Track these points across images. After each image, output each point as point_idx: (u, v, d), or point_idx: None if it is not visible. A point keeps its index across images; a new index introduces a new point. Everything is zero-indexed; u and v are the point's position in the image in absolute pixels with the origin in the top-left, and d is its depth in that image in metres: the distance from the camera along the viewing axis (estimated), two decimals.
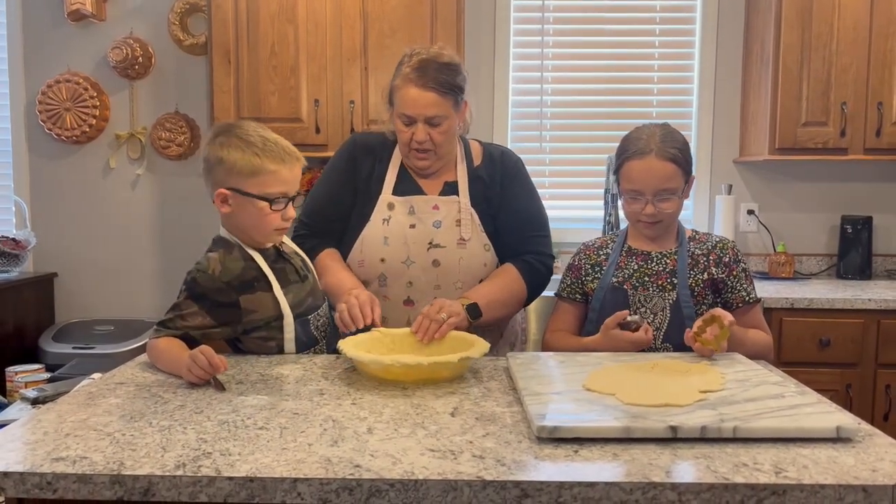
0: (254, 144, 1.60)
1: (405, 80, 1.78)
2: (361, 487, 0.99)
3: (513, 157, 1.96)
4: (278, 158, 1.61)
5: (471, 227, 1.85)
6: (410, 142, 1.81)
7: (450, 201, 1.86)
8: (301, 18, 2.90)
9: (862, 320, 2.63)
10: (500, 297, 1.83)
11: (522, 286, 1.87)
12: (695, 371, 1.44)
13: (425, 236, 1.84)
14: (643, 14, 3.30)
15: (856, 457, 1.07)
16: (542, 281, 1.93)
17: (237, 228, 1.66)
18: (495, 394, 1.39)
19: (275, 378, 1.49)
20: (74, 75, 3.26)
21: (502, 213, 1.90)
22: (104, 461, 1.05)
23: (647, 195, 1.74)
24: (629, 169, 1.76)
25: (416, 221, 1.85)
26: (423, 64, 1.77)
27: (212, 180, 1.64)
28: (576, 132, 3.35)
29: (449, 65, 1.79)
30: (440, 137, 1.80)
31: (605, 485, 0.98)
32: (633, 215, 1.79)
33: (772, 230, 3.28)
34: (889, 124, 2.90)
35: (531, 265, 1.88)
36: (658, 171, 1.72)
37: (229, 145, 1.61)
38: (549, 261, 1.93)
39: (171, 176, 3.35)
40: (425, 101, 1.77)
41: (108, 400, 1.34)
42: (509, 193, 1.91)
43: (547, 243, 1.94)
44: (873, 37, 2.87)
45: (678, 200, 1.77)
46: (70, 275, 3.39)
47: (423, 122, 1.79)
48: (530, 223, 1.92)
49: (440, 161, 1.87)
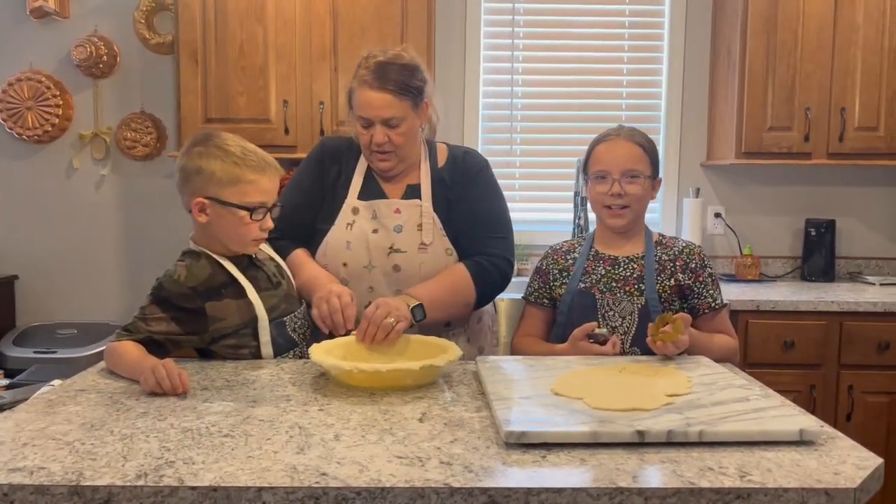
0: (233, 154, 1.59)
1: (361, 83, 1.78)
2: (328, 496, 0.98)
3: (477, 158, 1.95)
4: (258, 168, 1.60)
5: (432, 231, 1.84)
6: (370, 144, 1.81)
7: (412, 205, 1.85)
8: (270, 18, 2.87)
9: (825, 322, 2.68)
10: (445, 297, 1.77)
11: (470, 287, 1.81)
12: (662, 374, 1.45)
13: (386, 241, 1.83)
14: (612, 18, 3.33)
15: (818, 460, 1.08)
16: (494, 283, 1.85)
17: (212, 238, 1.64)
18: (464, 399, 1.38)
19: (241, 384, 1.46)
20: (37, 73, 3.19)
21: (460, 214, 1.87)
22: (63, 471, 1.02)
23: (613, 174, 1.76)
24: (597, 153, 1.81)
25: (379, 226, 1.84)
26: (379, 66, 1.77)
27: (188, 190, 1.62)
28: (546, 135, 3.37)
29: (406, 66, 1.79)
30: (399, 139, 1.80)
31: (573, 490, 0.98)
32: (599, 199, 1.80)
33: (738, 233, 3.33)
34: (851, 130, 2.95)
35: (481, 266, 1.82)
36: (625, 151, 1.78)
37: (208, 155, 1.59)
38: (503, 263, 1.85)
39: (137, 177, 3.30)
40: (381, 103, 1.77)
41: (67, 408, 1.31)
42: (469, 194, 1.88)
43: (503, 245, 1.87)
44: (836, 45, 2.93)
45: (645, 186, 1.78)
46: (32, 277, 3.31)
47: (380, 124, 1.78)
48: (486, 224, 1.87)
49: (403, 163, 1.86)
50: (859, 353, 2.68)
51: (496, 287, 1.87)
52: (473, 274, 1.81)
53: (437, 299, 1.74)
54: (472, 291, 1.81)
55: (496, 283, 1.86)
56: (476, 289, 1.81)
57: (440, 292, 1.76)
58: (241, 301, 1.63)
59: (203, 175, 1.59)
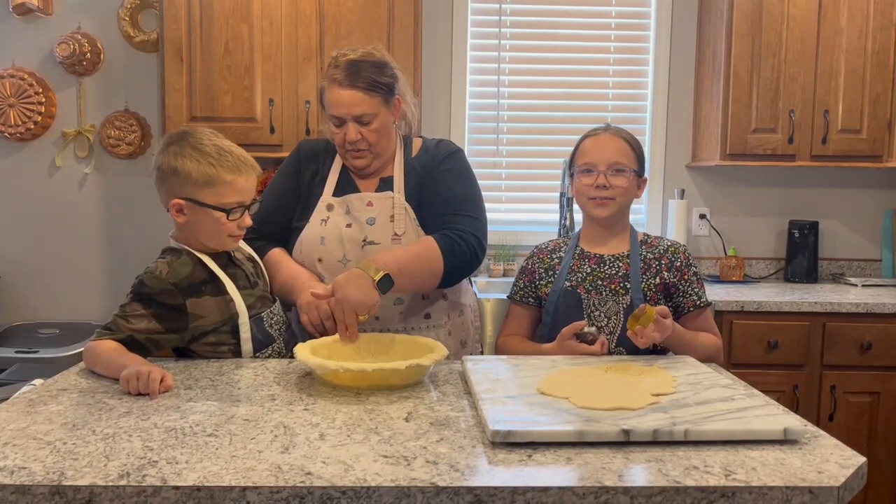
0: (209, 154, 1.58)
1: (331, 82, 1.79)
2: (312, 495, 0.97)
3: (449, 146, 1.93)
4: (234, 168, 1.59)
5: (405, 222, 1.82)
6: (344, 143, 1.81)
7: (384, 197, 1.85)
8: (256, 17, 2.86)
9: (808, 322, 2.70)
10: (412, 264, 1.69)
11: (438, 257, 1.72)
12: (647, 374, 1.45)
13: (360, 234, 1.82)
14: (599, 20, 3.34)
15: (802, 458, 1.09)
16: (464, 258, 1.76)
17: (191, 237, 1.64)
18: (450, 398, 1.38)
19: (225, 383, 1.45)
20: (19, 70, 3.15)
21: (429, 195, 1.84)
22: (44, 471, 1.01)
23: (599, 167, 1.78)
24: (584, 147, 1.84)
25: (352, 220, 1.83)
26: (348, 64, 1.78)
27: (165, 189, 1.61)
28: (532, 136, 3.38)
29: (374, 63, 1.80)
30: (372, 136, 1.80)
31: (559, 489, 0.98)
32: (585, 191, 1.80)
33: (723, 234, 3.34)
34: (835, 132, 2.98)
35: (450, 238, 1.75)
36: (612, 145, 1.80)
37: (183, 155, 1.58)
38: (472, 240, 1.77)
39: (121, 175, 3.27)
40: (351, 100, 1.77)
41: (49, 407, 1.30)
42: (438, 176, 1.86)
43: (472, 224, 1.80)
44: (820, 48, 2.95)
45: (630, 180, 1.79)
46: (13, 276, 3.27)
47: (352, 122, 1.79)
48: (455, 203, 1.82)
49: (379, 159, 1.86)
50: (842, 353, 2.70)
51: (465, 262, 1.78)
52: (441, 244, 1.74)
53: (404, 267, 1.66)
54: (439, 262, 1.73)
55: (465, 258, 1.77)
56: (444, 259, 1.73)
57: (407, 258, 1.69)
58: (219, 298, 1.62)
59: (179, 176, 1.58)
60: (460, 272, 1.81)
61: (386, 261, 1.64)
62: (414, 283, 1.73)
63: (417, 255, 1.72)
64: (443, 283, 1.78)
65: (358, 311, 1.57)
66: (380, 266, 1.62)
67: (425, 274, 1.73)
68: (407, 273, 1.67)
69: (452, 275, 1.78)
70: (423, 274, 1.73)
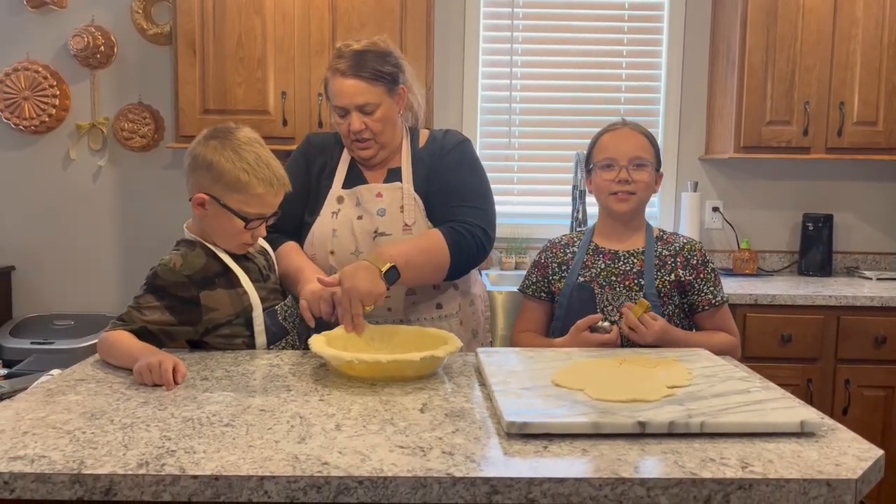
0: (246, 161, 1.58)
1: (334, 72, 1.79)
2: (329, 485, 0.98)
3: (456, 136, 1.93)
4: (267, 182, 1.59)
5: (414, 212, 1.82)
6: (349, 133, 1.81)
7: (393, 188, 1.85)
8: (269, 10, 2.86)
9: (822, 316, 2.69)
10: (419, 257, 1.70)
11: (445, 251, 1.73)
12: (662, 366, 1.45)
13: (371, 225, 1.82)
14: (612, 11, 3.32)
15: (819, 451, 1.09)
16: (470, 250, 1.77)
17: (205, 231, 1.64)
18: (465, 390, 1.38)
19: (241, 374, 1.46)
20: (33, 63, 3.17)
21: (436, 186, 1.84)
22: (63, 460, 1.02)
23: (620, 161, 1.77)
24: (602, 142, 1.83)
25: (363, 212, 1.83)
26: (351, 54, 1.78)
27: (194, 180, 1.62)
28: (544, 128, 3.36)
29: (377, 52, 1.80)
30: (377, 125, 1.80)
31: (575, 480, 0.98)
32: (606, 186, 1.79)
33: (736, 227, 3.33)
34: (850, 124, 2.95)
35: (456, 230, 1.75)
36: (632, 140, 1.80)
37: (222, 153, 1.58)
38: (479, 231, 1.77)
39: (134, 168, 3.28)
40: (354, 90, 1.77)
41: (67, 397, 1.31)
42: (445, 166, 1.85)
43: (478, 215, 1.79)
44: (836, 39, 2.92)
45: (650, 174, 1.79)
46: (28, 268, 3.30)
47: (356, 111, 1.78)
48: (461, 193, 1.82)
49: (384, 150, 1.86)
50: (856, 347, 2.69)
51: (472, 255, 1.79)
52: (447, 237, 1.74)
53: (411, 260, 1.67)
54: (446, 256, 1.73)
55: (472, 250, 1.77)
56: (451, 252, 1.74)
57: (413, 252, 1.70)
58: (232, 291, 1.63)
59: (212, 172, 1.58)
60: (466, 265, 1.82)
61: (393, 254, 1.66)
62: (420, 276, 1.74)
63: (424, 249, 1.73)
64: (449, 276, 1.80)
65: (364, 302, 1.58)
66: (387, 258, 1.63)
67: (431, 267, 1.75)
68: (413, 266, 1.68)
69: (459, 268, 1.80)
70: (430, 267, 1.74)
